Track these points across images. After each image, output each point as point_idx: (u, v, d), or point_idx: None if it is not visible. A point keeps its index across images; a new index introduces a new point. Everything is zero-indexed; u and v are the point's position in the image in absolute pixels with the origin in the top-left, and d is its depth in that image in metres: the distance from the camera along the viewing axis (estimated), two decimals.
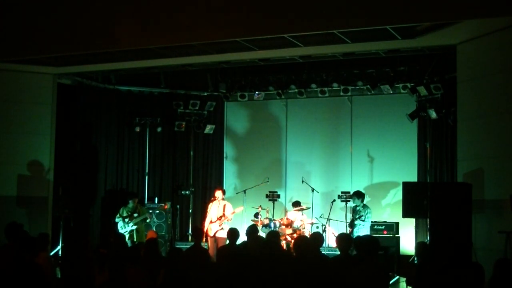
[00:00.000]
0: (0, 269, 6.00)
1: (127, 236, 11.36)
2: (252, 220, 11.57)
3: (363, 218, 10.73)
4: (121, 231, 11.40)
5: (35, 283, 4.87)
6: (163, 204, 12.68)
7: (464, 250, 8.46)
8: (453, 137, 10.70)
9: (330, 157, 13.19)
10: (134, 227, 11.38)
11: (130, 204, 11.56)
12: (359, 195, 10.97)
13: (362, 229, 10.70)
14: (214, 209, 11.26)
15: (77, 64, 11.78)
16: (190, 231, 13.37)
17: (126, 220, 11.41)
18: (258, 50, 10.44)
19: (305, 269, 6.06)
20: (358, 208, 10.88)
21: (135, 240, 11.15)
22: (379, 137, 12.74)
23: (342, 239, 6.93)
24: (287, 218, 11.60)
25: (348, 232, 10.88)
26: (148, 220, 11.94)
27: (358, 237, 6.93)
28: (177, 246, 12.29)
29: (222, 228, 10.86)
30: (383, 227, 11.22)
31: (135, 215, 11.42)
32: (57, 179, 12.15)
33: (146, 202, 13.13)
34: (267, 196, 12.47)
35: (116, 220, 11.49)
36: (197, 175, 14.16)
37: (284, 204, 13.11)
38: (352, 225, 10.89)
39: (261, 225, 11.31)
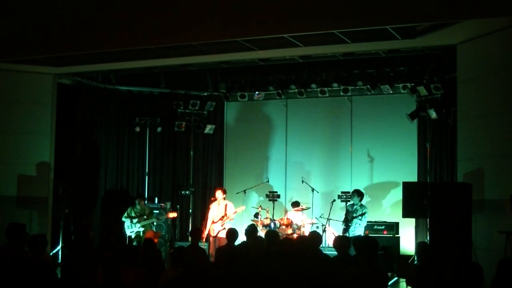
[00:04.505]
0: (3, 268, 6.01)
1: (133, 236, 11.36)
2: (252, 220, 11.58)
3: (360, 217, 10.73)
4: (127, 230, 11.40)
5: (44, 281, 4.89)
6: (168, 209, 12.61)
7: (464, 250, 8.46)
8: (453, 137, 10.70)
9: (330, 157, 13.19)
10: (141, 228, 11.37)
11: (137, 205, 11.55)
12: (359, 193, 10.96)
13: (359, 228, 10.71)
14: (214, 209, 11.27)
15: (77, 64, 11.78)
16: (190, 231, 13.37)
17: (134, 221, 11.42)
18: (258, 50, 10.44)
19: (305, 268, 6.06)
20: (355, 206, 10.87)
21: (142, 240, 11.12)
22: (379, 137, 12.73)
23: (340, 241, 6.97)
24: (287, 218, 11.61)
25: (342, 231, 10.88)
26: (155, 223, 11.95)
27: (357, 237, 6.94)
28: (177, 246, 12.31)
29: (224, 228, 10.84)
30: (383, 227, 11.22)
31: (144, 217, 11.42)
32: (57, 179, 12.14)
33: (146, 202, 13.11)
34: (267, 196, 12.48)
35: (123, 219, 11.51)
36: (197, 175, 14.17)
37: (284, 204, 13.10)
38: (347, 223, 10.85)
39: (261, 225, 11.32)
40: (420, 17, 8.03)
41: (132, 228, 11.37)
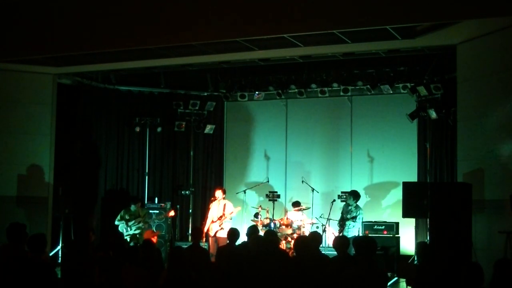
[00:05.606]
0: (3, 268, 6.02)
1: (128, 239, 11.31)
2: (252, 220, 11.58)
3: (354, 217, 10.74)
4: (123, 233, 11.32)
5: (44, 281, 4.90)
6: (168, 208, 12.56)
7: (464, 250, 8.46)
8: (453, 137, 10.69)
9: (330, 157, 13.19)
10: (137, 231, 11.30)
11: (133, 208, 11.45)
12: (355, 195, 10.99)
13: (353, 229, 10.74)
14: (214, 209, 11.28)
15: (77, 64, 11.78)
16: (190, 231, 13.36)
17: (130, 223, 11.30)
18: (258, 50, 10.43)
19: (304, 268, 6.06)
20: (350, 207, 10.90)
21: (139, 243, 11.04)
22: (379, 137, 12.74)
23: (339, 241, 6.98)
24: (287, 218, 11.60)
25: (338, 231, 10.89)
26: (146, 225, 11.88)
27: (356, 237, 6.97)
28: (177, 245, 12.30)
29: (222, 228, 10.87)
30: (383, 227, 11.22)
31: (139, 219, 11.36)
32: (57, 179, 12.14)
33: (146, 202, 13.10)
34: (267, 196, 12.48)
35: (117, 222, 11.32)
36: (197, 175, 14.17)
37: (284, 204, 13.10)
38: (342, 224, 10.86)
39: (261, 225, 11.32)
40: (420, 17, 8.03)
41: (127, 231, 11.29)
